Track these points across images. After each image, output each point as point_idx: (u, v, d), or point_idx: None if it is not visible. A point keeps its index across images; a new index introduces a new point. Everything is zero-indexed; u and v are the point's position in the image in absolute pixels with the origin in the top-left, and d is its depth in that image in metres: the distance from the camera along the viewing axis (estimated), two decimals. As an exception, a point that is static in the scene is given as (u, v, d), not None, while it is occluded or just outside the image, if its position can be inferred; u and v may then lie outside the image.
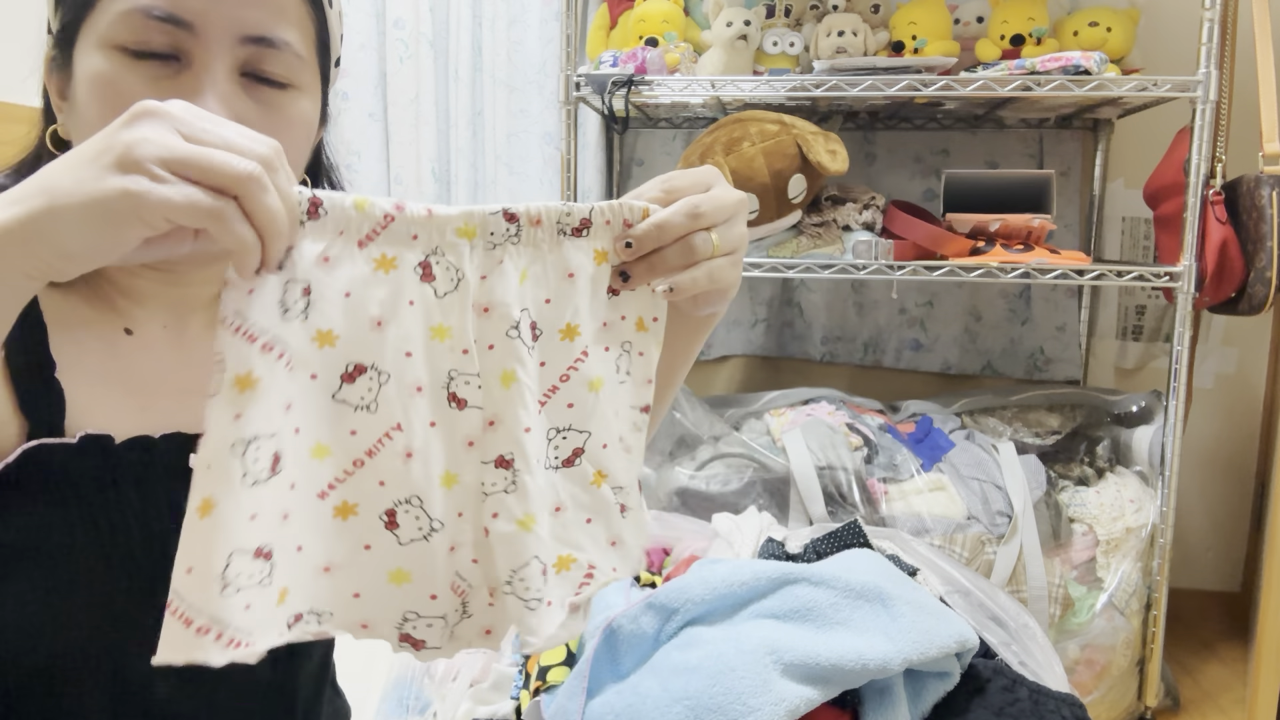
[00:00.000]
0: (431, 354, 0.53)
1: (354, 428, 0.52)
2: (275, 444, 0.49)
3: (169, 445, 0.64)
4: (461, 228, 0.52)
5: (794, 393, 1.98)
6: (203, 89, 0.58)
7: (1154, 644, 1.73)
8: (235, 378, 0.47)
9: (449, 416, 0.54)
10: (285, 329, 0.49)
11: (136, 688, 0.60)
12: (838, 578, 0.92)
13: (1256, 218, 1.67)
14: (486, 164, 2.23)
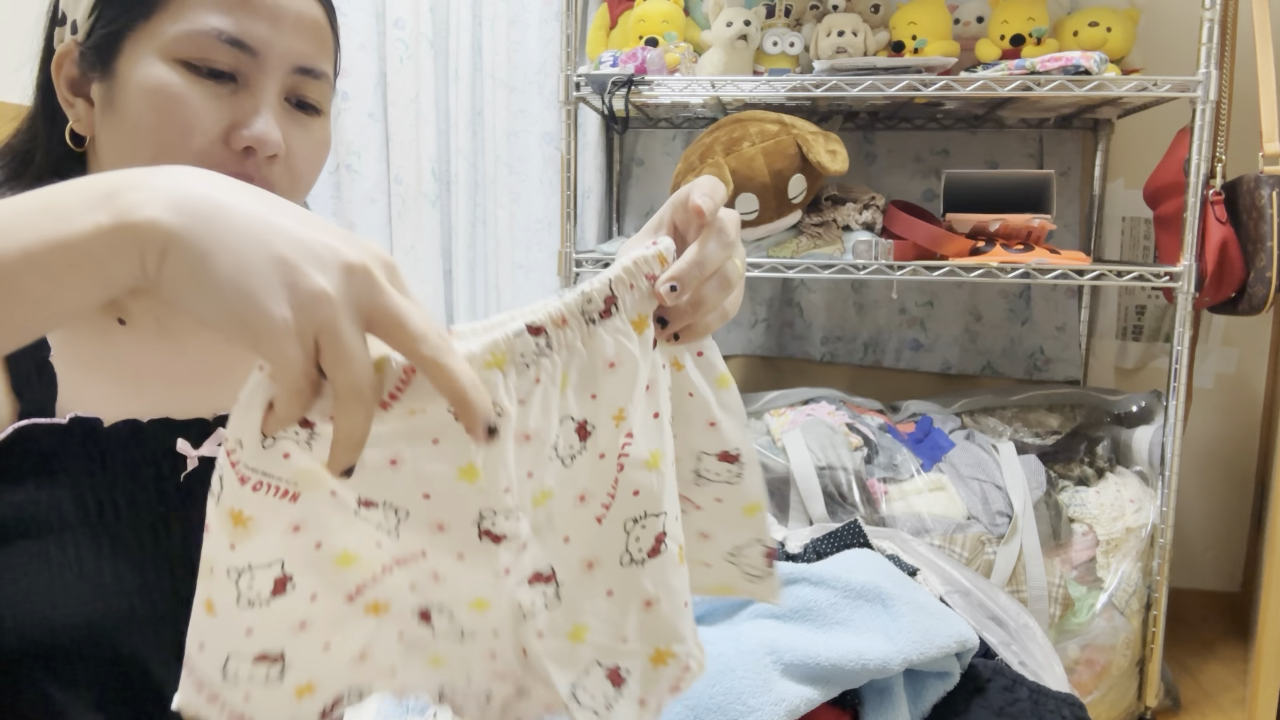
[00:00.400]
0: (457, 495, 0.49)
1: (379, 542, 0.50)
2: (276, 571, 0.48)
3: (156, 430, 0.65)
4: (489, 361, 0.48)
5: (794, 393, 1.98)
6: (259, 110, 0.63)
7: (1154, 644, 1.73)
8: (230, 511, 0.46)
9: (481, 550, 0.50)
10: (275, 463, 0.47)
11: (126, 667, 0.60)
12: (838, 578, 0.92)
13: (1256, 218, 1.67)
14: (486, 164, 2.23)
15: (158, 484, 0.64)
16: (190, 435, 0.67)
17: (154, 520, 0.64)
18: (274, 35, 0.63)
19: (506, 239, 2.23)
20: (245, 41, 0.62)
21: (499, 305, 2.25)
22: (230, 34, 0.62)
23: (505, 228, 2.22)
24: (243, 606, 0.47)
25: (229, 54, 0.62)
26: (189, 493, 0.66)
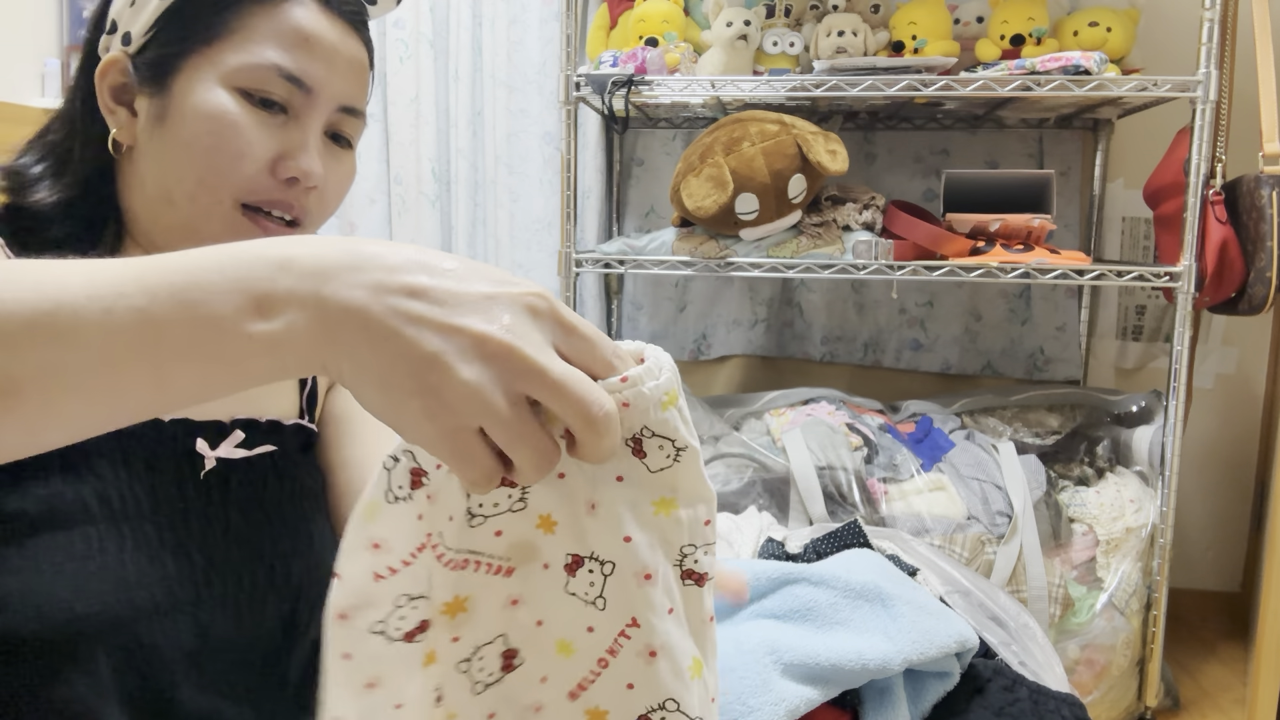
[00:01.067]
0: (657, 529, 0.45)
1: (590, 625, 0.46)
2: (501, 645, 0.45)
3: (177, 429, 0.67)
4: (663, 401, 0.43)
5: (794, 393, 1.98)
6: (305, 144, 0.67)
7: (1154, 644, 1.73)
8: (443, 604, 0.44)
9: (686, 596, 0.47)
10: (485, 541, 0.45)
11: (146, 657, 0.61)
12: (838, 578, 0.92)
13: (1256, 218, 1.67)
14: (486, 164, 2.23)
15: (178, 481, 0.66)
16: (208, 436, 0.69)
17: (174, 516, 0.65)
18: (328, 75, 0.68)
19: (506, 239, 2.23)
20: (302, 79, 0.66)
21: (499, 305, 2.25)
22: (289, 71, 0.66)
23: (505, 228, 2.22)
24: (476, 692, 0.44)
25: (285, 88, 0.66)
26: (207, 491, 0.68)
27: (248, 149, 0.65)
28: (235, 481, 0.70)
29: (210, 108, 0.64)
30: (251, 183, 0.66)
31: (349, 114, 0.71)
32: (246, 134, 0.65)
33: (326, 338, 0.38)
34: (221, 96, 0.65)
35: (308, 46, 0.67)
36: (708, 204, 1.69)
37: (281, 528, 0.72)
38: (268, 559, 0.70)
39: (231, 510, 0.69)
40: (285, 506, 0.73)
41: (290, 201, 0.68)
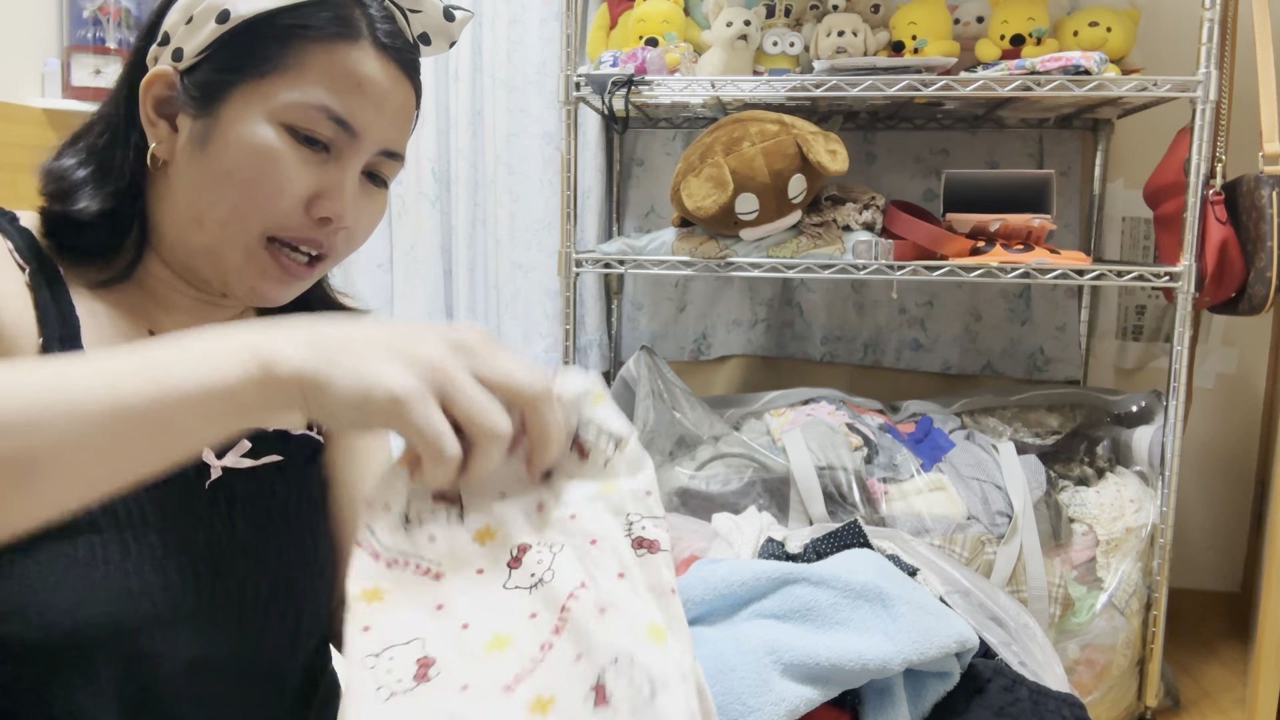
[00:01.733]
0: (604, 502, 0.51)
1: (534, 612, 0.48)
2: (417, 650, 0.46)
3: None
4: None
5: (794, 393, 1.98)
6: (343, 186, 0.67)
7: (1154, 644, 1.73)
8: (362, 590, 0.47)
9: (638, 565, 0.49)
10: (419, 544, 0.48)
11: (147, 666, 0.62)
12: (838, 578, 0.92)
13: (1256, 218, 1.67)
14: (486, 164, 2.23)
15: (184, 491, 0.66)
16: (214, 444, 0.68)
17: (179, 525, 0.65)
18: (375, 120, 0.68)
19: (506, 239, 2.23)
20: (350, 122, 0.66)
21: (499, 305, 2.25)
22: (338, 114, 0.66)
23: (505, 228, 2.22)
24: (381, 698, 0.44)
25: (331, 129, 0.66)
26: (213, 501, 0.68)
27: (286, 185, 0.65)
28: (241, 491, 0.70)
29: (255, 140, 0.64)
30: (284, 218, 0.66)
31: (389, 157, 0.71)
32: (287, 170, 0.65)
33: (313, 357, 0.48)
34: (268, 131, 0.65)
35: (360, 91, 0.66)
36: (708, 204, 1.69)
37: (287, 537, 0.72)
38: (272, 569, 0.70)
39: (237, 519, 0.69)
40: (291, 516, 0.73)
41: (319, 239, 0.69)
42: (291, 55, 0.65)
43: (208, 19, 0.65)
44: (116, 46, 2.10)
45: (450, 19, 0.72)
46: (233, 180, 0.64)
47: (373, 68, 0.67)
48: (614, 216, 2.30)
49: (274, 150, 0.64)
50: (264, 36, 0.65)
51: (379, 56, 0.67)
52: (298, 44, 0.65)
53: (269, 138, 0.64)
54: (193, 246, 0.67)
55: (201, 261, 0.68)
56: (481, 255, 2.28)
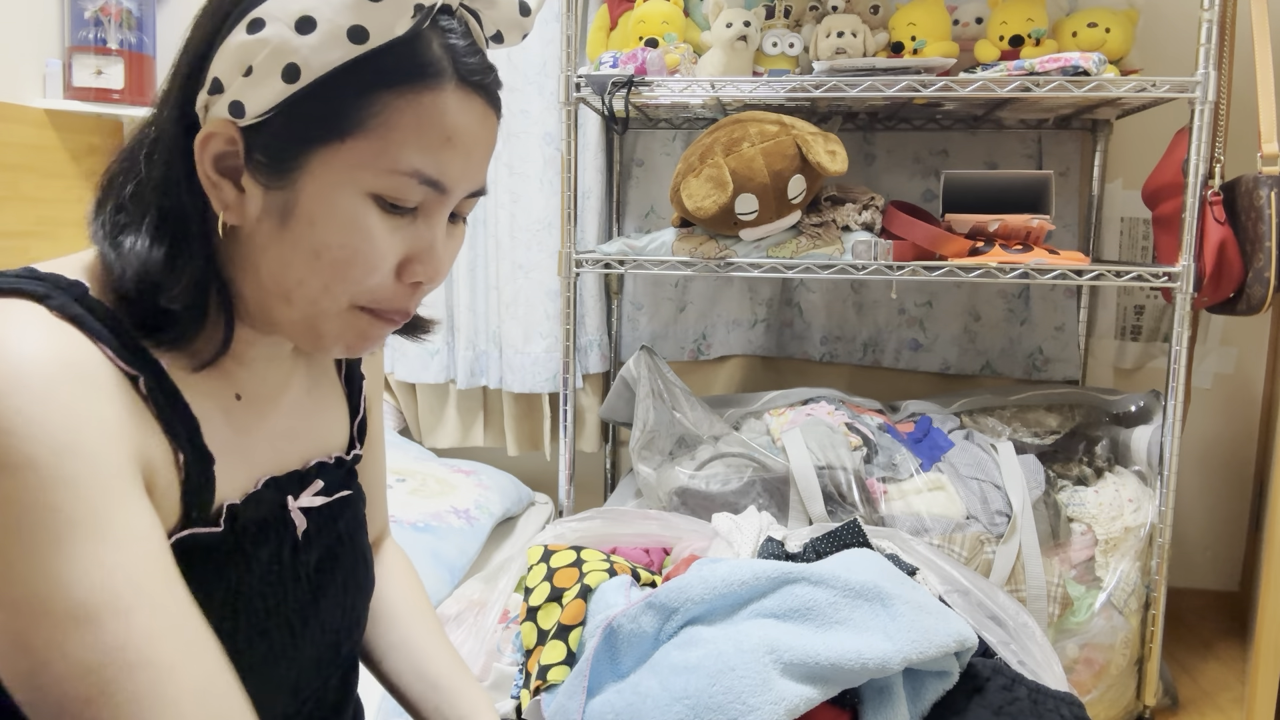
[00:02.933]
0: None
1: None
2: None
3: (268, 491, 0.66)
4: None
5: (793, 393, 1.99)
6: (434, 244, 0.62)
7: (1152, 643, 1.73)
8: None
9: None
10: None
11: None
12: (837, 577, 0.93)
13: (1255, 218, 1.67)
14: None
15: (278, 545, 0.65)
16: (293, 488, 0.68)
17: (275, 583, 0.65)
18: (465, 171, 0.61)
19: (507, 239, 2.23)
20: (442, 182, 0.60)
21: (499, 305, 2.26)
22: (430, 176, 0.59)
23: (505, 228, 2.23)
24: None
25: (422, 193, 0.60)
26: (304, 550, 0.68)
27: (380, 262, 0.60)
28: (315, 530, 0.70)
29: (345, 219, 0.58)
30: (374, 291, 0.61)
31: (475, 196, 0.65)
32: (380, 245, 0.59)
33: None
34: (356, 204, 0.58)
35: (451, 145, 0.59)
36: (708, 204, 1.70)
37: (351, 569, 0.73)
38: (342, 603, 0.71)
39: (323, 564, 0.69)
40: (356, 540, 0.74)
41: (409, 306, 0.64)
42: (372, 113, 0.57)
43: (272, 74, 0.55)
44: (118, 47, 2.10)
45: (525, 13, 0.64)
46: (322, 261, 0.59)
47: (461, 113, 0.59)
48: (614, 217, 2.31)
49: (366, 227, 0.58)
50: (339, 92, 0.56)
51: (466, 97, 0.60)
52: (378, 96, 0.57)
53: (359, 213, 0.58)
54: (279, 319, 0.62)
55: (290, 331, 0.63)
56: (482, 255, 2.28)
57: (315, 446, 0.72)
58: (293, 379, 0.72)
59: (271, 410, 0.68)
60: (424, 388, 2.35)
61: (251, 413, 0.67)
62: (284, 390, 0.70)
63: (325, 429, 0.74)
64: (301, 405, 0.72)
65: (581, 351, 2.28)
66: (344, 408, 0.78)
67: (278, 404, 0.69)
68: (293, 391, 0.71)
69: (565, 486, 1.92)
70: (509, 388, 2.27)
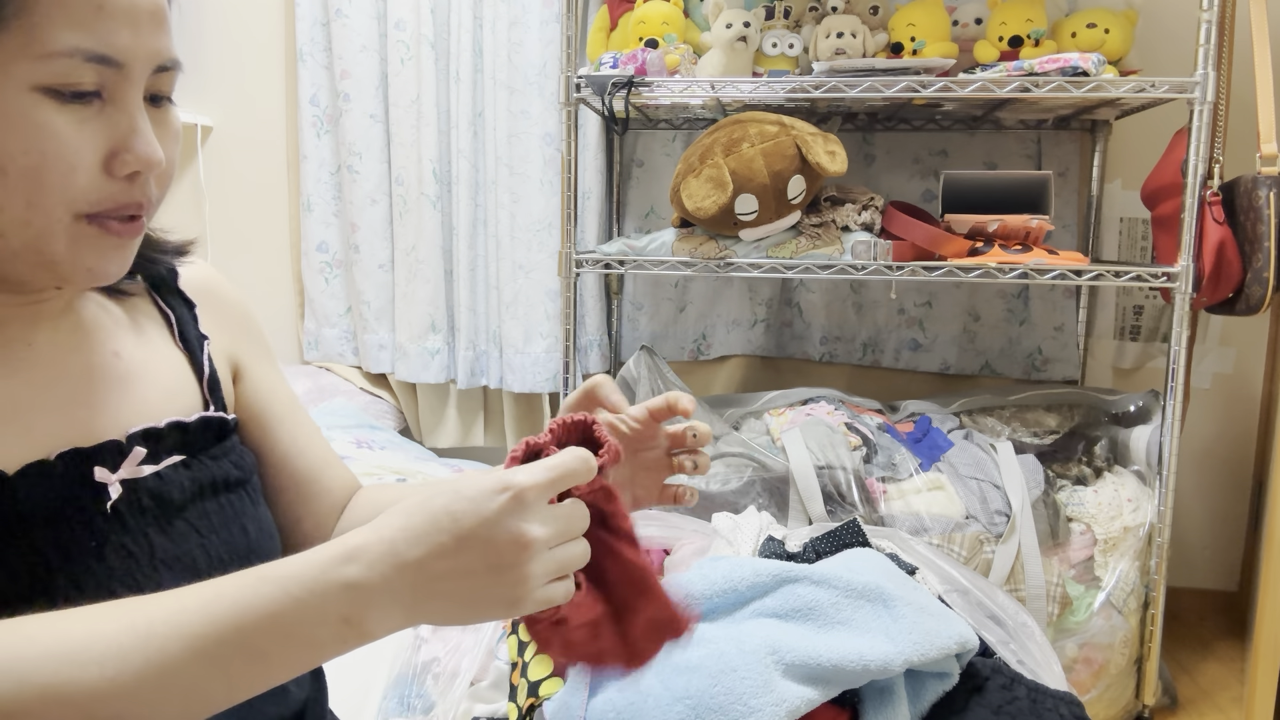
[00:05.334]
0: None
1: None
2: None
3: (66, 464, 0.61)
4: None
5: (793, 393, 1.99)
6: (135, 127, 0.58)
7: (1152, 642, 1.73)
8: None
9: None
10: None
11: None
12: (839, 577, 0.93)
13: (1254, 218, 1.68)
14: (487, 165, 2.24)
15: (84, 520, 0.60)
16: (106, 460, 0.63)
17: (88, 559, 0.60)
18: (136, 40, 0.57)
19: (507, 239, 2.23)
20: (111, 56, 0.55)
21: (499, 305, 2.26)
22: (95, 51, 0.55)
23: (506, 228, 2.23)
24: None
25: (94, 73, 0.55)
26: (119, 521, 0.62)
27: (75, 158, 0.55)
28: (147, 500, 0.64)
29: (17, 122, 0.54)
30: (89, 193, 0.57)
31: (165, 70, 0.60)
32: (70, 141, 0.55)
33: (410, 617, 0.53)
34: (25, 104, 0.54)
35: (104, 14, 0.55)
36: (707, 205, 1.70)
37: (210, 534, 0.67)
38: (203, 571, 0.65)
39: (152, 532, 0.64)
40: (209, 509, 0.68)
41: (136, 199, 0.59)
42: (4, 2, 0.53)
43: None
44: None
45: None
46: (11, 175, 0.54)
47: None
48: (614, 217, 2.31)
49: (43, 124, 0.54)
50: None
51: None
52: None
53: (30, 111, 0.54)
54: (8, 254, 0.58)
55: (20, 266, 0.59)
56: (482, 256, 2.28)
57: (136, 413, 0.67)
58: (84, 344, 0.67)
59: (49, 377, 0.63)
60: (424, 388, 2.35)
61: (12, 379, 0.62)
62: (68, 356, 0.65)
63: (152, 393, 0.69)
64: (110, 370, 0.67)
65: (581, 351, 2.28)
66: (185, 370, 0.73)
67: (62, 371, 0.64)
68: (87, 357, 0.66)
69: (565, 486, 1.92)
70: (509, 388, 2.27)
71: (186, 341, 0.75)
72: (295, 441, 0.81)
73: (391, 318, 2.34)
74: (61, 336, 0.66)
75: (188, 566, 0.65)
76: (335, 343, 2.39)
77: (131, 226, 0.60)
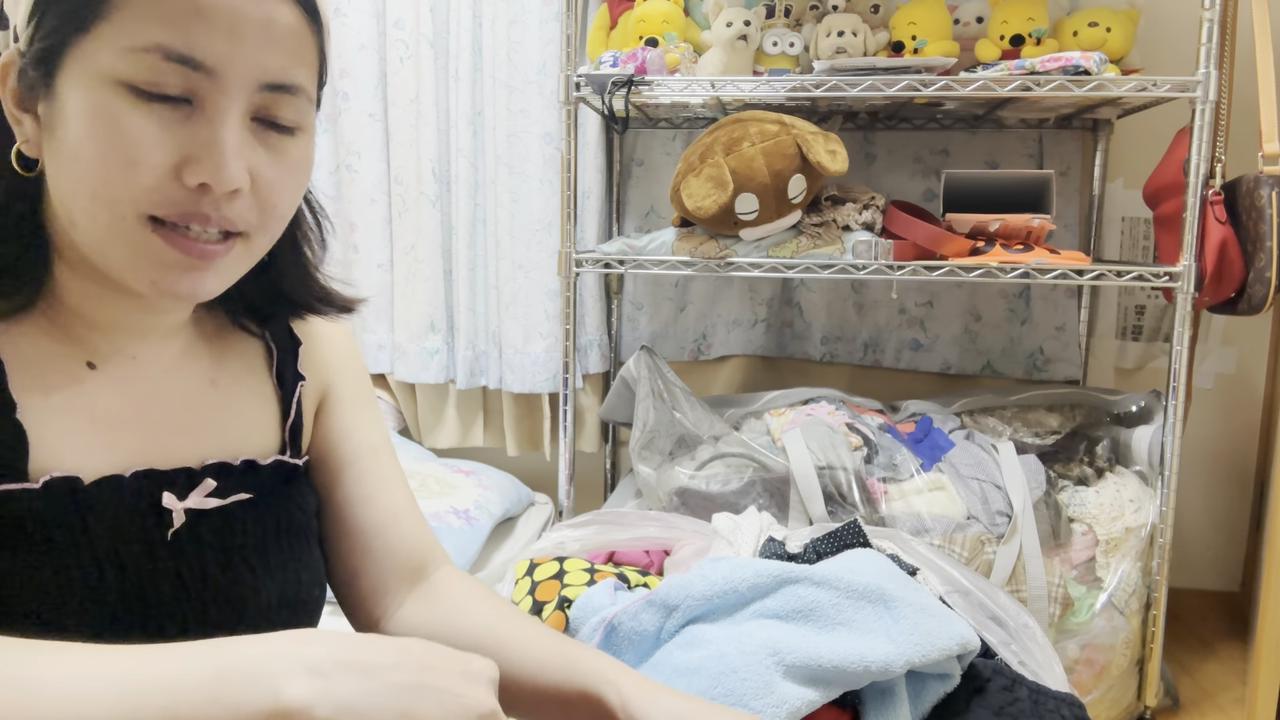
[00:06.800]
0: None
1: None
2: None
3: (139, 483, 0.61)
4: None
5: (794, 393, 1.99)
6: (217, 140, 0.55)
7: (1153, 643, 1.73)
8: None
9: None
10: None
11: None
12: (840, 578, 0.92)
13: (1256, 218, 1.67)
14: (487, 164, 2.23)
15: (144, 542, 0.60)
16: (176, 487, 0.63)
17: (142, 583, 0.60)
18: (234, 50, 0.55)
19: (507, 239, 2.23)
20: (199, 60, 0.54)
21: (499, 305, 2.25)
22: (180, 52, 0.54)
23: (505, 227, 2.22)
24: None
25: (179, 74, 0.54)
26: (178, 549, 0.62)
27: (139, 154, 0.54)
28: (207, 533, 0.64)
29: (91, 111, 0.54)
30: (156, 194, 0.55)
31: (280, 92, 0.58)
32: (134, 136, 0.54)
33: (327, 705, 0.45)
34: (102, 96, 0.54)
35: (201, 17, 0.54)
36: (708, 204, 1.69)
37: (265, 577, 0.66)
38: (250, 615, 0.65)
39: (208, 566, 0.63)
40: (269, 551, 0.67)
41: (206, 213, 0.57)
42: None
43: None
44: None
45: None
46: (81, 162, 0.54)
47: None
48: (614, 216, 2.30)
49: (111, 115, 0.53)
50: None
51: None
52: None
53: (104, 102, 0.54)
54: (83, 249, 0.58)
55: (99, 264, 0.59)
56: (482, 255, 2.28)
57: (216, 445, 0.67)
58: (187, 367, 0.68)
59: (139, 388, 0.64)
60: (423, 388, 2.35)
61: (111, 389, 0.62)
62: (169, 376, 0.66)
63: (237, 428, 0.69)
64: (203, 398, 0.68)
65: (581, 351, 2.28)
66: (273, 409, 0.73)
67: (159, 390, 0.65)
68: (186, 381, 0.67)
69: (565, 487, 1.92)
70: (509, 388, 2.27)
71: (282, 380, 0.74)
72: (361, 488, 0.77)
73: (390, 317, 2.33)
74: (167, 355, 0.66)
75: (236, 606, 0.64)
76: (334, 342, 2.39)
77: (212, 248, 0.58)
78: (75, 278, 0.61)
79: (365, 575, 0.76)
